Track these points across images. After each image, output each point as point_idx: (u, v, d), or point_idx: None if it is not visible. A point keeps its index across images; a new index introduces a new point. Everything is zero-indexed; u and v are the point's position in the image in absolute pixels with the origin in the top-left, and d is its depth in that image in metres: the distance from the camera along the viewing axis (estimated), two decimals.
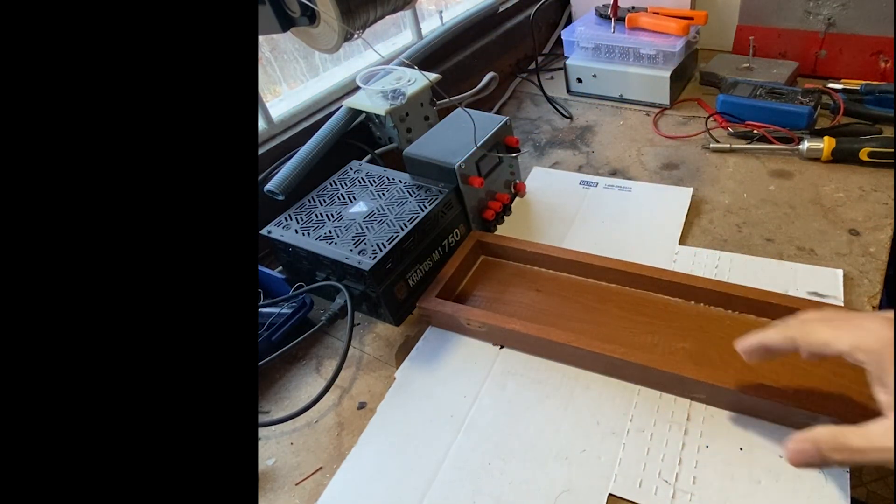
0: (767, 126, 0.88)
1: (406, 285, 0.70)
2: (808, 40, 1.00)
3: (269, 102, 0.88)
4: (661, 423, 0.55)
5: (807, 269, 0.67)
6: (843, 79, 0.97)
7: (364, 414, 0.61)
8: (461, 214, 0.76)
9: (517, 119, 1.09)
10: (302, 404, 0.60)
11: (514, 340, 0.63)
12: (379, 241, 0.67)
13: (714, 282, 0.63)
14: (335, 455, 0.58)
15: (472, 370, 0.63)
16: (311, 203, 0.75)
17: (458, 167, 0.72)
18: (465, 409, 0.59)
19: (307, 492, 0.55)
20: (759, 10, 1.03)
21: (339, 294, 0.67)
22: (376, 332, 0.71)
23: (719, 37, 1.13)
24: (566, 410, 0.57)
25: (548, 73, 1.21)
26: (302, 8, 0.52)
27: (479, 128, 0.76)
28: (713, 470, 0.50)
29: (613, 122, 1.03)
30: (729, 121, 0.93)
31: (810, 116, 0.87)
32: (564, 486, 0.51)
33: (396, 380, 0.64)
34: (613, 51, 1.04)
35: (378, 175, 0.79)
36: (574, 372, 0.60)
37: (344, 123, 0.86)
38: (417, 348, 0.67)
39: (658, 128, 0.99)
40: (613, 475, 0.51)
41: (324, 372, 0.68)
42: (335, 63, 0.98)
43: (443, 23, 1.07)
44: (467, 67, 1.11)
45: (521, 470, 0.53)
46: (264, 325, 0.67)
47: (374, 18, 0.57)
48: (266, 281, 0.73)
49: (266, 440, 0.61)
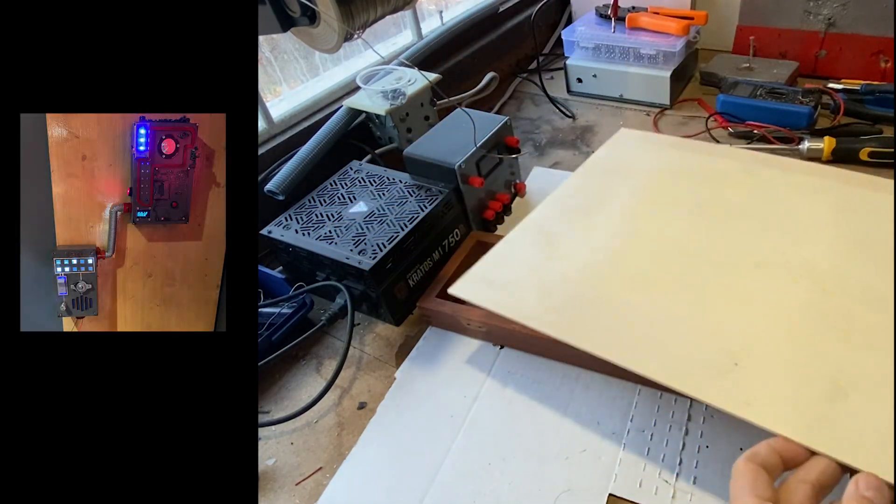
0: (768, 126, 0.88)
1: (406, 285, 0.70)
2: (809, 40, 1.00)
3: (270, 102, 0.88)
4: (661, 423, 0.54)
5: None
6: (844, 79, 0.97)
7: (364, 414, 0.61)
8: (461, 214, 0.76)
9: (517, 119, 1.09)
10: (302, 404, 0.61)
11: (514, 340, 0.63)
12: (379, 241, 0.67)
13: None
14: (335, 455, 0.58)
15: (472, 370, 0.63)
16: (311, 203, 0.75)
17: (459, 167, 0.72)
18: (465, 409, 0.59)
19: (307, 492, 0.55)
20: (759, 10, 1.03)
21: (340, 294, 0.67)
22: (376, 332, 0.71)
23: (719, 37, 1.13)
24: (566, 410, 0.57)
25: (548, 73, 1.21)
26: (302, 8, 0.52)
27: (479, 128, 0.76)
28: (713, 470, 0.50)
29: (614, 122, 1.03)
30: (729, 121, 0.93)
31: (810, 116, 0.87)
32: (564, 486, 0.51)
33: (396, 380, 0.64)
34: (613, 51, 1.04)
35: (378, 175, 0.79)
36: (574, 372, 0.60)
37: (344, 123, 0.86)
38: (417, 348, 0.67)
39: (658, 128, 0.98)
40: (613, 475, 0.51)
41: (324, 372, 0.68)
42: (335, 63, 0.98)
43: (443, 23, 1.07)
44: (467, 67, 1.11)
45: (521, 470, 0.53)
46: (264, 325, 0.67)
47: (374, 18, 0.57)
48: (266, 281, 0.73)
49: (266, 440, 0.61)
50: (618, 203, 0.64)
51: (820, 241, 0.54)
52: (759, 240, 0.56)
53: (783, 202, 0.60)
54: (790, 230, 0.56)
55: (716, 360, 0.45)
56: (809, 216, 0.58)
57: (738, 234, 0.57)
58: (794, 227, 0.56)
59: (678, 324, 0.49)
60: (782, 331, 0.47)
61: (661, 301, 0.51)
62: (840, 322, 0.47)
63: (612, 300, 0.53)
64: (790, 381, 0.43)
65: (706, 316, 0.49)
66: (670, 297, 0.52)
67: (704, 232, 0.58)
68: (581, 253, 0.58)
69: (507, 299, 0.55)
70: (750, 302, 0.50)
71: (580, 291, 0.54)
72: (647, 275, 0.54)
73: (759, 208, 0.60)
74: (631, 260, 0.56)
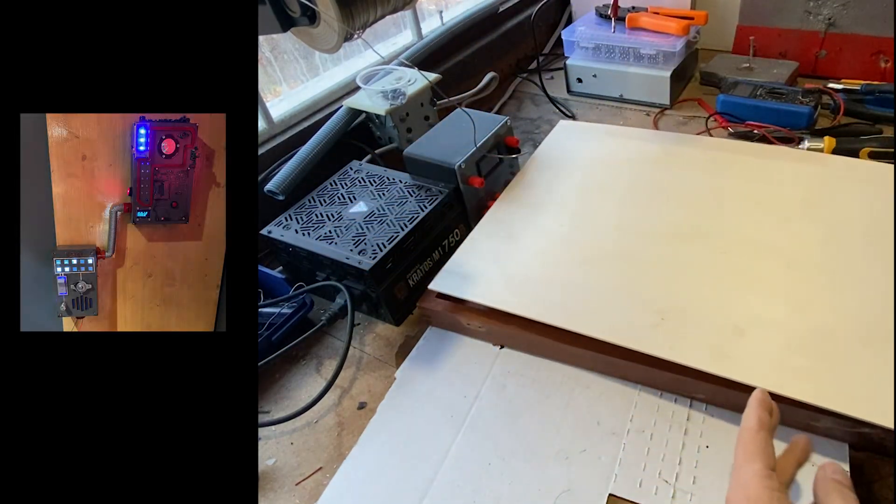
0: (768, 126, 0.88)
1: (406, 285, 0.70)
2: (809, 40, 1.00)
3: (270, 102, 0.88)
4: (661, 423, 0.54)
5: None
6: (843, 79, 0.97)
7: (364, 414, 0.61)
8: (461, 214, 0.76)
9: (517, 119, 1.09)
10: (302, 404, 0.61)
11: (514, 340, 0.63)
12: (379, 241, 0.67)
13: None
14: (335, 455, 0.58)
15: (472, 370, 0.63)
16: (311, 203, 0.75)
17: (459, 167, 0.72)
18: (465, 409, 0.59)
19: (307, 492, 0.55)
20: (759, 10, 1.03)
21: (340, 294, 0.67)
22: (376, 332, 0.71)
23: (719, 37, 1.13)
24: (566, 410, 0.57)
25: (548, 73, 1.21)
26: (302, 8, 0.52)
27: (479, 128, 0.76)
28: (713, 470, 0.50)
29: (614, 122, 1.03)
30: (729, 121, 0.93)
31: (810, 116, 0.86)
32: (564, 486, 0.51)
33: (396, 380, 0.64)
34: (613, 51, 1.04)
35: (378, 175, 0.79)
36: (574, 372, 0.60)
37: (344, 123, 0.86)
38: (417, 348, 0.67)
39: (658, 128, 0.98)
40: (613, 475, 0.51)
41: (324, 372, 0.68)
42: (335, 63, 0.98)
43: (443, 23, 1.07)
44: (467, 67, 1.11)
45: (521, 470, 0.53)
46: (264, 325, 0.67)
47: (374, 18, 0.57)
48: (266, 281, 0.73)
49: (266, 440, 0.61)
50: (560, 191, 0.74)
51: (727, 207, 0.65)
52: (679, 212, 0.67)
53: (697, 177, 0.71)
54: (704, 201, 0.67)
55: (647, 317, 0.56)
56: (718, 187, 0.69)
57: (662, 208, 0.68)
58: (706, 198, 0.68)
59: (615, 291, 0.59)
60: (697, 287, 0.58)
61: (600, 273, 0.62)
62: (741, 275, 0.58)
63: (561, 278, 0.62)
64: (703, 327, 0.54)
65: (638, 281, 0.60)
66: (608, 269, 0.62)
67: (634, 209, 0.69)
68: (534, 239, 0.68)
69: (478, 288, 0.63)
70: (671, 266, 0.61)
71: (536, 273, 0.63)
72: (589, 252, 0.65)
73: (677, 184, 0.71)
74: (575, 241, 0.66)
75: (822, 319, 0.52)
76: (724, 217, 0.64)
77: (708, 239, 0.62)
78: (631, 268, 0.61)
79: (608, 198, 0.71)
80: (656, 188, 0.71)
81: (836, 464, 0.40)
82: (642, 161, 0.76)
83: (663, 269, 0.60)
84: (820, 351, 0.50)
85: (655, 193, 0.70)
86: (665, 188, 0.70)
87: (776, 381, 0.48)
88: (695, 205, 0.67)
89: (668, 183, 0.71)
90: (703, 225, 0.64)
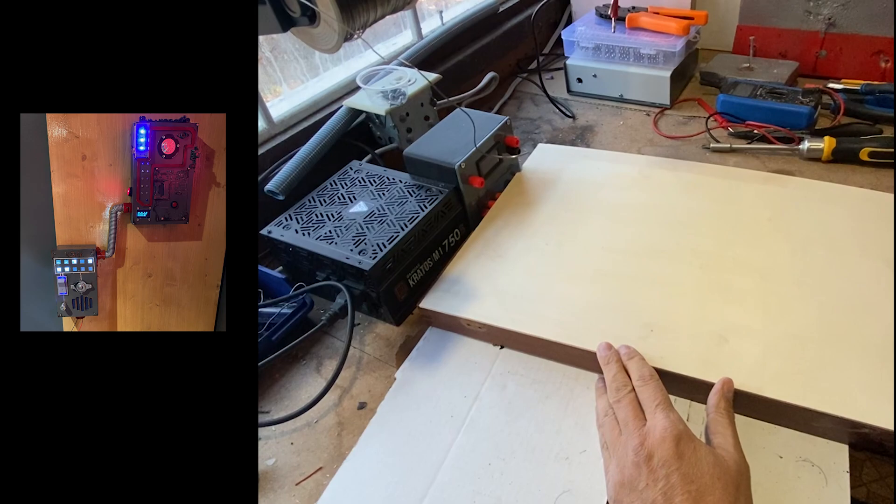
0: (768, 126, 0.88)
1: (406, 285, 0.70)
2: (809, 40, 1.00)
3: (270, 102, 0.88)
4: None
5: None
6: (844, 79, 0.97)
7: (364, 414, 0.61)
8: (461, 214, 0.76)
9: (517, 119, 1.09)
10: (302, 404, 0.60)
11: (514, 340, 0.63)
12: (379, 241, 0.67)
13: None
14: (335, 455, 0.58)
15: (472, 370, 0.63)
16: (311, 203, 0.75)
17: (459, 167, 0.72)
18: (465, 409, 0.59)
19: (307, 492, 0.55)
20: (759, 10, 1.03)
21: (340, 294, 0.67)
22: (376, 332, 0.71)
23: (719, 37, 1.13)
24: (566, 410, 0.57)
25: (548, 73, 1.21)
26: (302, 8, 0.52)
27: (479, 128, 0.76)
28: None
29: (614, 122, 1.03)
30: (729, 121, 0.93)
31: (810, 116, 0.87)
32: (564, 487, 0.51)
33: (397, 380, 0.64)
34: (614, 51, 1.04)
35: (378, 175, 0.79)
36: (574, 372, 0.60)
37: (344, 123, 0.86)
38: (418, 348, 0.67)
39: (658, 128, 0.98)
40: None
41: (324, 372, 0.68)
42: (335, 63, 0.98)
43: (443, 23, 1.07)
44: (467, 67, 1.11)
45: (521, 470, 0.53)
46: (264, 325, 0.67)
47: (374, 18, 0.57)
48: (266, 281, 0.73)
49: (266, 440, 0.61)
50: (545, 210, 0.76)
51: (701, 228, 0.69)
52: (658, 231, 0.70)
53: (672, 198, 0.74)
54: (680, 221, 0.70)
55: (636, 330, 0.58)
56: (693, 207, 0.72)
57: (641, 228, 0.71)
58: (682, 218, 0.71)
59: (604, 306, 0.62)
60: (681, 301, 0.61)
61: (589, 290, 0.64)
62: (720, 289, 0.61)
63: (552, 294, 0.64)
64: (689, 337, 0.57)
65: (625, 297, 0.62)
66: (596, 285, 0.64)
67: (616, 229, 0.71)
68: (522, 257, 0.70)
69: (470, 305, 0.64)
70: (655, 282, 0.63)
71: (527, 290, 0.65)
72: (576, 269, 0.67)
73: (655, 205, 0.74)
74: (562, 259, 0.69)
75: (794, 325, 0.56)
76: (700, 235, 0.67)
77: (687, 256, 0.65)
78: (618, 284, 0.64)
79: (590, 218, 0.74)
80: (635, 209, 0.73)
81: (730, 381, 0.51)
82: (619, 183, 0.78)
83: (648, 285, 0.63)
84: (794, 354, 0.53)
85: (634, 213, 0.73)
86: (643, 208, 0.73)
87: (757, 383, 0.51)
88: (672, 224, 0.70)
89: (645, 203, 0.74)
90: (681, 243, 0.67)
